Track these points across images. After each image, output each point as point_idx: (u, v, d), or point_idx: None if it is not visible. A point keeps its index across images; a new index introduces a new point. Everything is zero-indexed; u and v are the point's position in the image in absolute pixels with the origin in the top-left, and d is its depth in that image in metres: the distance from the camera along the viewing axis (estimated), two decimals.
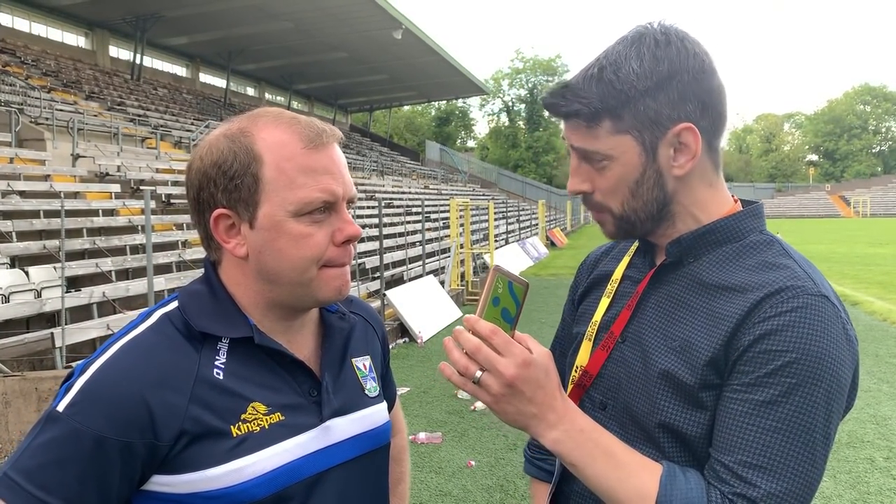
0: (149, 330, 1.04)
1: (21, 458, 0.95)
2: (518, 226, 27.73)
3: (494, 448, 5.52)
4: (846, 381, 0.99)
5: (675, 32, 1.05)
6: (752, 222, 1.11)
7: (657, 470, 0.98)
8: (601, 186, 1.09)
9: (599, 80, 1.04)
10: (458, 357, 0.97)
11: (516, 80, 76.90)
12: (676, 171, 1.06)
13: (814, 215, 69.79)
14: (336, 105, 45.61)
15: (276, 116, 1.07)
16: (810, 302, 0.97)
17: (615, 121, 1.04)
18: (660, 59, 1.02)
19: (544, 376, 0.98)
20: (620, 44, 1.06)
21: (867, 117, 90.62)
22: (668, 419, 1.03)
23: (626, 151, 1.05)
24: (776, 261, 1.05)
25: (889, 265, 19.01)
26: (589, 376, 1.17)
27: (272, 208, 1.03)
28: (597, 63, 1.05)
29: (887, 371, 7.70)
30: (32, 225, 9.80)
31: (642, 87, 1.02)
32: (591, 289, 1.31)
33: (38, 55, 24.16)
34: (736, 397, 0.97)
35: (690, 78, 1.03)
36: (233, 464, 0.99)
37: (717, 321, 1.02)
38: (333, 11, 26.58)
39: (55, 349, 6.63)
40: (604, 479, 0.98)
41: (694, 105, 1.04)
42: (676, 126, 1.04)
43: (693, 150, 1.05)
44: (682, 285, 1.09)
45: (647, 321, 1.11)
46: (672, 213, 1.10)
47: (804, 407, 0.94)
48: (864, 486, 4.74)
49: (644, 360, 1.08)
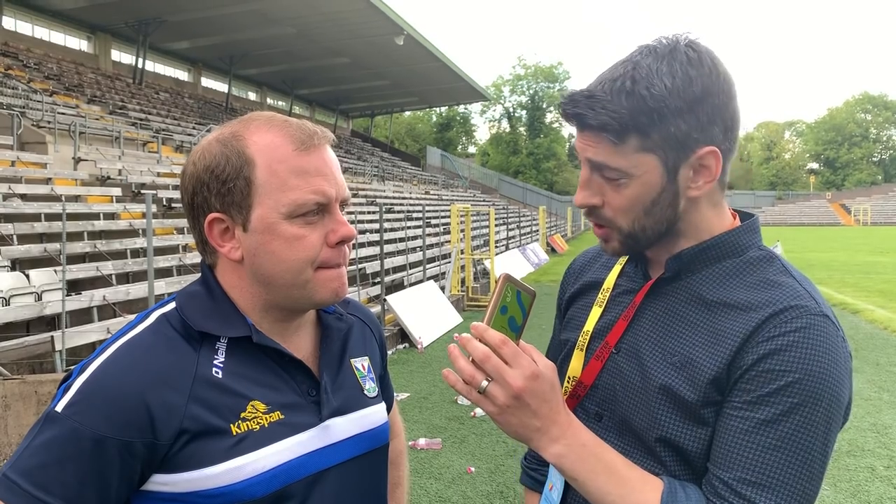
0: (147, 330, 1.05)
1: (20, 458, 0.95)
2: (519, 232, 27.72)
3: (494, 454, 5.50)
4: (845, 400, 0.99)
5: (705, 51, 1.02)
6: (751, 237, 1.10)
7: (658, 486, 0.99)
8: (614, 203, 1.06)
9: (630, 94, 0.99)
10: (464, 365, 0.96)
11: (517, 87, 77.18)
12: (693, 192, 1.05)
13: (814, 223, 69.81)
14: (337, 110, 45.69)
15: (268, 120, 1.08)
16: (813, 322, 0.98)
17: (642, 138, 1.01)
18: (693, 78, 0.99)
19: (550, 390, 0.98)
20: (650, 57, 1.01)
21: (868, 126, 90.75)
22: (668, 434, 1.03)
23: (649, 171, 1.02)
24: (777, 279, 1.04)
25: (890, 273, 19.00)
26: (583, 387, 1.16)
27: (265, 211, 1.03)
28: (627, 75, 1.00)
29: (888, 380, 7.69)
30: (33, 228, 9.81)
31: (674, 106, 0.99)
32: (578, 295, 1.30)
33: (41, 59, 24.22)
34: (737, 414, 0.98)
35: (720, 101, 1.01)
36: (233, 462, 0.99)
37: (720, 339, 1.01)
38: (335, 17, 26.65)
39: (55, 352, 6.63)
40: (606, 494, 0.98)
41: (720, 128, 1.02)
42: (702, 149, 1.02)
43: (713, 174, 1.04)
44: (680, 299, 1.09)
45: (643, 333, 1.10)
46: (677, 230, 1.09)
47: (804, 426, 0.94)
48: (864, 494, 4.73)
49: (642, 372, 1.08)
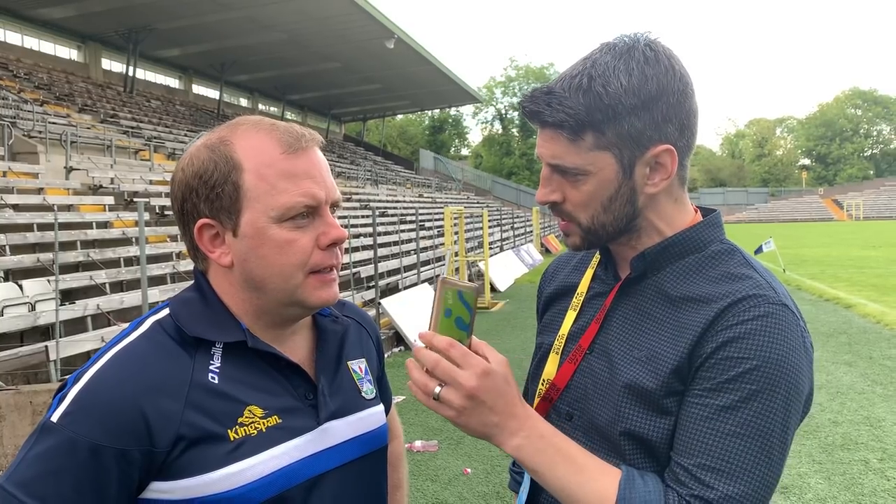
0: (141, 337, 1.04)
1: (17, 469, 0.94)
2: (513, 233, 27.76)
3: (490, 455, 5.51)
4: (804, 388, 1.01)
5: (663, 50, 1.04)
6: (712, 232, 1.12)
7: (616, 474, 0.99)
8: (573, 199, 1.08)
9: (587, 91, 1.01)
10: (417, 376, 0.98)
11: (509, 89, 77.09)
12: (650, 188, 1.07)
13: (807, 219, 70.01)
14: (330, 115, 45.61)
15: (255, 123, 1.08)
16: (771, 311, 0.99)
17: (597, 136, 1.03)
18: (648, 77, 1.01)
19: (504, 384, 0.99)
20: (608, 54, 1.03)
21: (858, 121, 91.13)
22: (632, 427, 1.04)
23: (604, 168, 1.04)
24: (738, 271, 1.06)
25: (882, 268, 19.07)
26: (556, 389, 1.17)
27: (254, 215, 1.03)
28: (584, 72, 1.02)
29: (881, 373, 7.73)
30: (26, 238, 9.77)
31: (629, 104, 1.01)
32: (553, 300, 1.31)
33: (31, 68, 24.12)
34: (697, 402, 0.99)
35: (675, 100, 1.03)
36: (231, 467, 0.99)
37: (682, 331, 1.03)
38: (326, 22, 26.61)
39: (50, 362, 6.61)
40: (565, 483, 0.98)
41: (674, 126, 1.04)
42: (657, 147, 1.04)
43: (669, 171, 1.06)
44: (647, 297, 1.10)
45: (613, 333, 1.12)
46: (638, 226, 1.10)
47: (763, 412, 0.96)
48: (858, 487, 4.76)
49: (610, 370, 1.09)
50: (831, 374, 7.69)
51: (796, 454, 5.31)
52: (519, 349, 9.22)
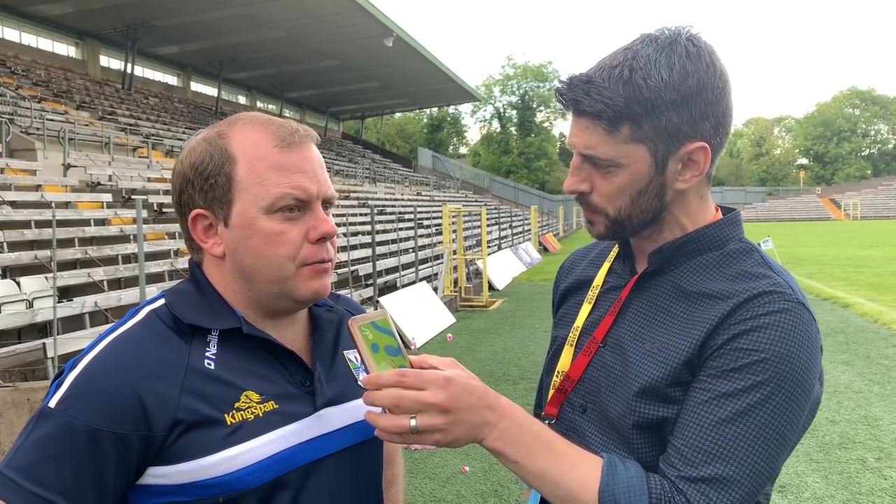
0: (137, 325, 1.06)
1: (16, 455, 0.95)
2: (511, 231, 27.76)
3: (488, 453, 5.50)
4: (811, 388, 1.00)
5: (705, 46, 1.04)
6: (732, 230, 1.12)
7: (598, 462, 0.99)
8: (602, 190, 1.07)
9: (628, 82, 1.00)
10: (385, 422, 0.93)
11: (507, 87, 77.12)
12: (680, 184, 1.07)
13: (805, 218, 70.08)
14: (328, 113, 45.59)
15: (252, 119, 1.10)
16: (787, 307, 0.99)
17: (634, 128, 1.02)
18: (690, 72, 1.00)
19: (468, 379, 0.97)
20: (650, 47, 1.02)
21: (856, 121, 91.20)
22: (642, 420, 1.04)
23: (637, 161, 1.04)
24: (755, 270, 1.06)
25: (879, 267, 19.11)
26: (571, 381, 1.17)
27: (245, 206, 1.05)
28: (625, 63, 1.01)
29: (878, 372, 7.75)
30: (24, 235, 9.76)
31: (669, 98, 1.00)
32: (569, 293, 1.31)
33: (29, 65, 24.08)
34: (700, 387, 0.99)
35: (713, 98, 1.02)
36: (228, 451, 1.00)
37: (696, 325, 1.03)
38: (325, 19, 26.59)
39: (47, 359, 6.61)
40: (545, 472, 0.97)
41: (710, 124, 1.04)
42: (692, 144, 1.03)
43: (701, 168, 1.06)
44: (662, 292, 1.10)
45: (627, 326, 1.12)
46: (662, 220, 1.10)
47: (763, 403, 0.95)
48: (855, 486, 4.77)
49: (623, 363, 1.09)
50: (829, 374, 7.70)
51: (794, 453, 5.30)
52: (517, 347, 9.23)
